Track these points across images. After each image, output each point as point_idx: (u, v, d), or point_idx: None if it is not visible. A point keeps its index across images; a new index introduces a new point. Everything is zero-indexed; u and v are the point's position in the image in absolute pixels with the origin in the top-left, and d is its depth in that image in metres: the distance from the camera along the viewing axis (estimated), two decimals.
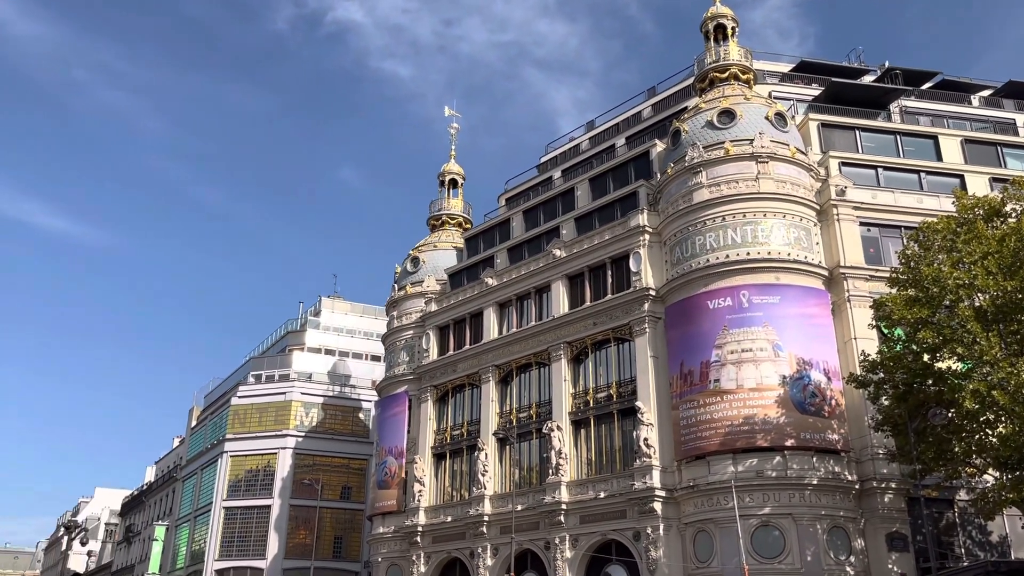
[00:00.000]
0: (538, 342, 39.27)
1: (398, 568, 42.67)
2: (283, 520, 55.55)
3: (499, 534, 37.48)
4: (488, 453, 39.72)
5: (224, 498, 57.89)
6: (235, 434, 59.35)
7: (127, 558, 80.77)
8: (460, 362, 42.97)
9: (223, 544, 56.71)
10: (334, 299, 74.23)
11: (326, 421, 59.64)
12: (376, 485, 45.80)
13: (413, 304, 47.31)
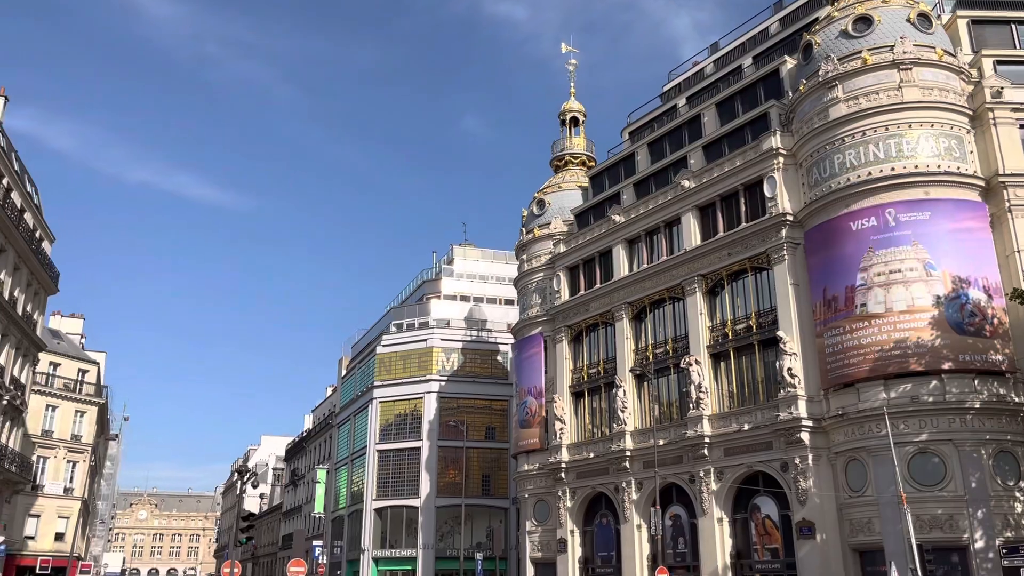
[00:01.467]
0: (671, 277, 38.65)
1: (545, 503, 43.84)
2: (432, 461, 58.01)
3: (642, 469, 37.73)
4: (626, 390, 39.80)
5: (376, 442, 61.01)
6: (382, 381, 62.15)
7: (294, 499, 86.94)
8: (592, 301, 42.97)
9: (379, 484, 59.98)
10: (465, 247, 75.62)
11: (466, 365, 61.39)
12: (518, 424, 46.96)
13: (542, 246, 47.53)
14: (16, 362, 41.43)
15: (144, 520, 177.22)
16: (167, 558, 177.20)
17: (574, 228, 46.26)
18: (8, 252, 38.80)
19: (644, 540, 37.58)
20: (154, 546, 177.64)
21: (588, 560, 41.32)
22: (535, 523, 44.15)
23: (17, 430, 42.85)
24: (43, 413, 54.87)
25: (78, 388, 58.72)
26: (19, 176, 41.11)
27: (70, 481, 57.07)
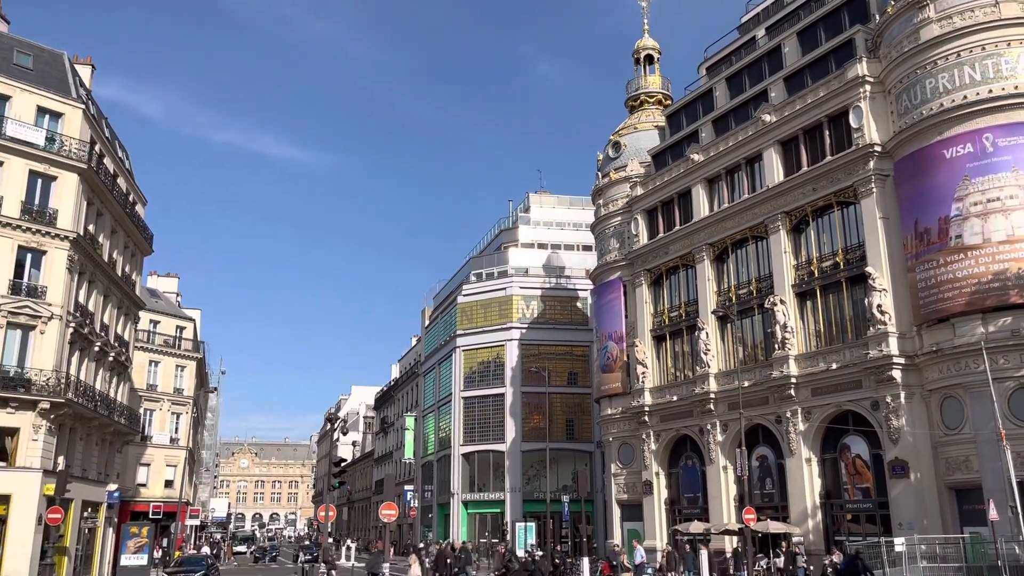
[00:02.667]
0: (753, 215, 37.68)
1: (629, 446, 44.07)
2: (516, 406, 58.86)
3: (727, 410, 37.43)
4: (709, 332, 39.33)
5: (461, 389, 62.22)
6: (464, 330, 63.08)
7: (385, 446, 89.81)
8: (671, 244, 42.35)
9: (465, 430, 61.34)
10: (541, 194, 75.32)
11: (546, 312, 61.66)
12: (600, 369, 47.08)
13: (618, 190, 46.93)
14: (119, 321, 43.64)
15: (246, 468, 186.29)
16: (268, 504, 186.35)
17: (651, 170, 45.44)
18: (105, 216, 40.59)
19: (730, 481, 37.47)
20: (256, 492, 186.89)
21: (674, 501, 41.51)
22: (620, 466, 44.49)
23: (124, 385, 45.34)
24: (146, 368, 57.92)
25: (177, 344, 61.63)
26: (110, 142, 42.74)
27: (175, 432, 60.32)
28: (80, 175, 36.49)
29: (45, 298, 34.49)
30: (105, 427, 41.38)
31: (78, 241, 36.03)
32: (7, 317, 33.38)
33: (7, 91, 35.44)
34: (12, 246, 34.08)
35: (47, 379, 33.66)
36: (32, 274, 34.70)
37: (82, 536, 38.41)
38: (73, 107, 37.30)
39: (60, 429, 35.11)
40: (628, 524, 43.35)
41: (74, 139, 36.62)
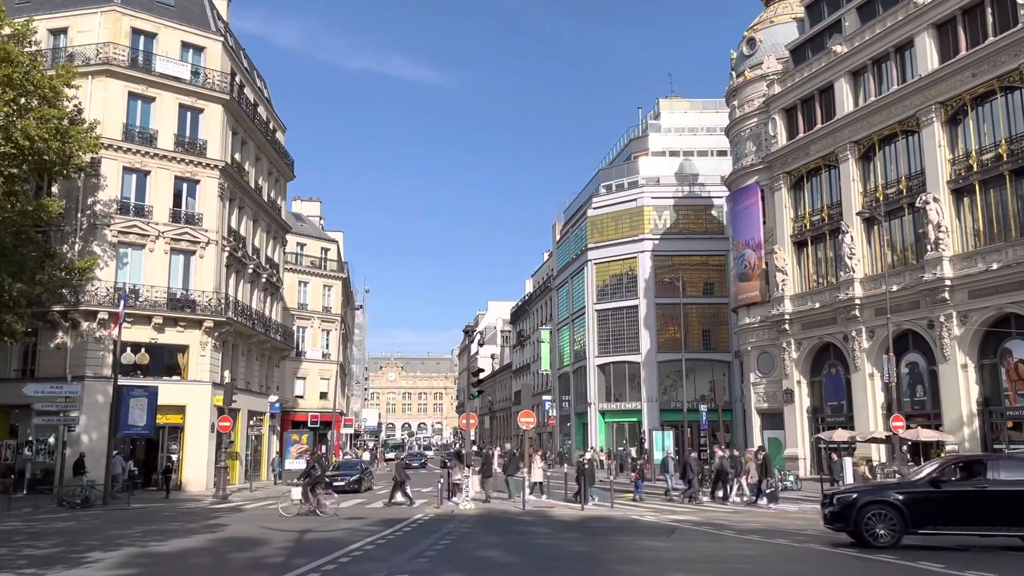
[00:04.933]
0: (903, 108, 35.02)
1: (769, 355, 43.15)
2: (651, 318, 58.60)
3: (873, 316, 35.82)
4: (854, 235, 37.41)
5: (594, 302, 62.45)
6: (595, 243, 62.84)
7: (522, 358, 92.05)
8: (812, 143, 40.13)
9: (600, 342, 61.80)
10: (672, 99, 72.85)
11: (679, 222, 60.36)
12: (737, 278, 45.94)
13: (754, 89, 44.64)
14: (268, 244, 46.26)
15: (393, 381, 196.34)
16: (416, 414, 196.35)
17: (789, 65, 42.85)
18: (249, 144, 42.63)
19: (877, 389, 36.14)
20: (404, 404, 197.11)
21: (817, 410, 40.57)
22: (759, 375, 43.74)
23: (277, 304, 48.35)
24: (296, 288, 61.42)
25: (323, 265, 64.87)
26: (249, 73, 44.48)
27: (326, 347, 64.09)
28: (224, 106, 38.31)
29: (202, 224, 36.94)
30: (263, 343, 44.45)
31: (227, 169, 38.13)
32: (170, 243, 36.05)
33: (154, 29, 37.35)
34: (170, 177, 36.52)
35: (209, 300, 36.35)
36: (188, 203, 37.17)
37: (250, 443, 41.91)
38: (213, 40, 38.93)
39: (223, 346, 38.02)
40: (768, 433, 42.83)
41: (216, 71, 38.33)
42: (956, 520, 15.19)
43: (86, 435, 32.46)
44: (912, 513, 15.15)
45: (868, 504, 15.41)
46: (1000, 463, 16.19)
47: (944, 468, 16.29)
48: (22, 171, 29.87)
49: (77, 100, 32.71)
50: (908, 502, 15.27)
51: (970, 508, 15.11)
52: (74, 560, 14.04)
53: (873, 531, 15.17)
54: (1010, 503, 14.96)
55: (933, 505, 15.23)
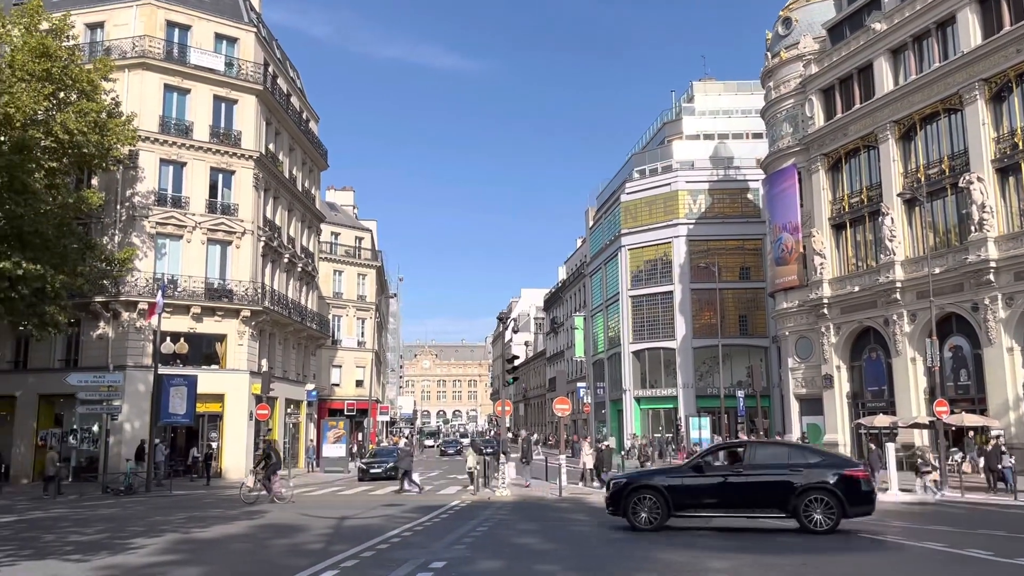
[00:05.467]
0: (945, 85, 34.18)
1: (807, 340, 42.56)
2: (686, 303, 58.08)
3: (915, 299, 35.13)
4: (894, 217, 36.68)
5: (628, 288, 62.04)
6: (629, 229, 62.36)
7: (556, 345, 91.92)
8: (851, 124, 39.35)
9: (634, 328, 61.42)
10: (705, 82, 71.82)
11: (714, 206, 59.65)
12: (774, 262, 45.33)
13: (790, 70, 43.86)
14: (303, 233, 46.60)
15: (428, 368, 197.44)
16: (450, 401, 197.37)
17: (827, 45, 42.01)
18: (282, 135, 42.89)
19: (919, 373, 35.48)
20: (438, 391, 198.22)
21: (857, 395, 39.96)
22: (797, 360, 43.17)
23: (312, 293, 48.72)
24: (331, 277, 61.91)
25: (357, 254, 65.24)
26: (281, 63, 44.70)
27: (361, 336, 64.55)
28: (258, 96, 38.57)
29: (238, 215, 37.29)
30: (299, 332, 44.85)
31: (261, 160, 38.41)
32: (207, 234, 36.46)
33: (188, 21, 37.67)
34: (205, 168, 36.90)
35: (246, 289, 36.72)
36: (224, 193, 37.54)
37: (287, 430, 42.39)
38: (246, 31, 39.16)
39: (261, 335, 38.43)
40: (807, 418, 42.31)
41: (249, 62, 38.58)
42: (714, 504, 15.74)
43: (128, 424, 33.06)
44: (674, 497, 15.63)
45: (636, 489, 15.91)
46: (756, 449, 16.71)
47: (708, 453, 17.29)
48: (62, 164, 30.40)
49: (115, 93, 33.15)
50: (671, 487, 15.75)
51: (726, 492, 15.56)
52: (119, 546, 14.27)
53: (638, 515, 15.68)
54: (760, 487, 15.37)
55: (694, 490, 15.71)
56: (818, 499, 14.92)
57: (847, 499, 14.88)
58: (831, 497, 14.87)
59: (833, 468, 15.40)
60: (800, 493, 14.98)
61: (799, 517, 15.01)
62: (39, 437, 34.95)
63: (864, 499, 15.18)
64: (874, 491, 15.67)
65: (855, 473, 15.34)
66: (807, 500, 14.94)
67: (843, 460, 16.13)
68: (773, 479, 15.32)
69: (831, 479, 15.02)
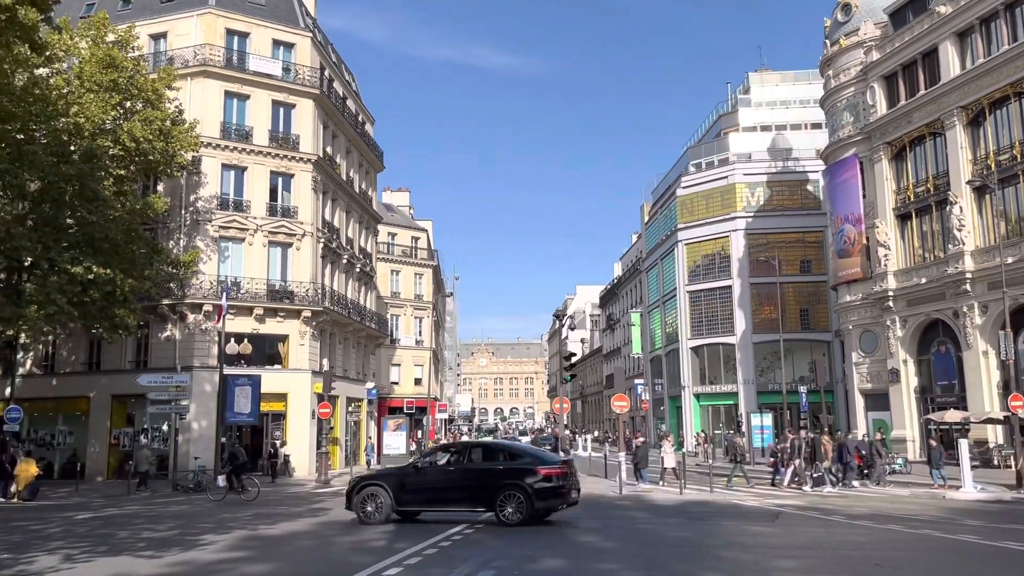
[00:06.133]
0: (1015, 68, 32.94)
1: (872, 334, 41.50)
2: (745, 298, 57.12)
3: (986, 290, 33.95)
4: (963, 206, 35.49)
5: (686, 283, 61.29)
6: (685, 223, 61.59)
7: (612, 342, 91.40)
8: (915, 111, 38.20)
9: (693, 324, 60.65)
10: (762, 72, 70.50)
11: (773, 198, 58.52)
12: (836, 255, 44.30)
13: (850, 57, 42.76)
14: (361, 234, 47.19)
15: (484, 366, 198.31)
16: (507, 398, 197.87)
17: (888, 30, 40.85)
18: (339, 137, 43.49)
19: (993, 367, 34.27)
20: (495, 389, 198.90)
21: (925, 389, 38.80)
22: (862, 354, 42.11)
23: (370, 293, 49.33)
24: (389, 277, 62.59)
25: (413, 253, 65.85)
26: (337, 67, 45.33)
27: (419, 334, 65.13)
28: (315, 100, 39.18)
29: (297, 217, 37.95)
30: (358, 331, 45.45)
31: (319, 162, 39.01)
32: (268, 236, 37.19)
33: (246, 28, 38.47)
34: (265, 172, 37.64)
35: (306, 290, 37.36)
36: (284, 196, 38.24)
37: (349, 428, 42.96)
38: (302, 36, 39.80)
39: (321, 334, 39.04)
40: (873, 414, 41.24)
41: (306, 67, 39.21)
42: (432, 500, 17.12)
43: (196, 423, 33.93)
44: (397, 494, 16.91)
45: (365, 486, 17.19)
46: (472, 449, 18.38)
47: (430, 454, 19.00)
48: (130, 171, 31.36)
49: (178, 101, 34.06)
50: (394, 484, 17.10)
51: (439, 489, 17.05)
52: (189, 542, 14.65)
53: (364, 510, 16.90)
54: (468, 485, 16.70)
55: (414, 487, 17.06)
56: (511, 495, 16.12)
57: (535, 495, 16.07)
58: (522, 493, 16.06)
59: (532, 466, 16.57)
60: (498, 490, 16.23)
61: (495, 511, 16.26)
62: (112, 436, 36.13)
63: (552, 494, 16.34)
64: (567, 487, 16.61)
65: (548, 471, 16.43)
66: (502, 496, 16.17)
67: (546, 459, 17.41)
68: (479, 478, 16.68)
69: (526, 478, 16.25)
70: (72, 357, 37.56)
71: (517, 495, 16.06)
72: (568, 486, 16.65)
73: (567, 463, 17.39)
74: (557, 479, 16.39)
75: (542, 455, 18.26)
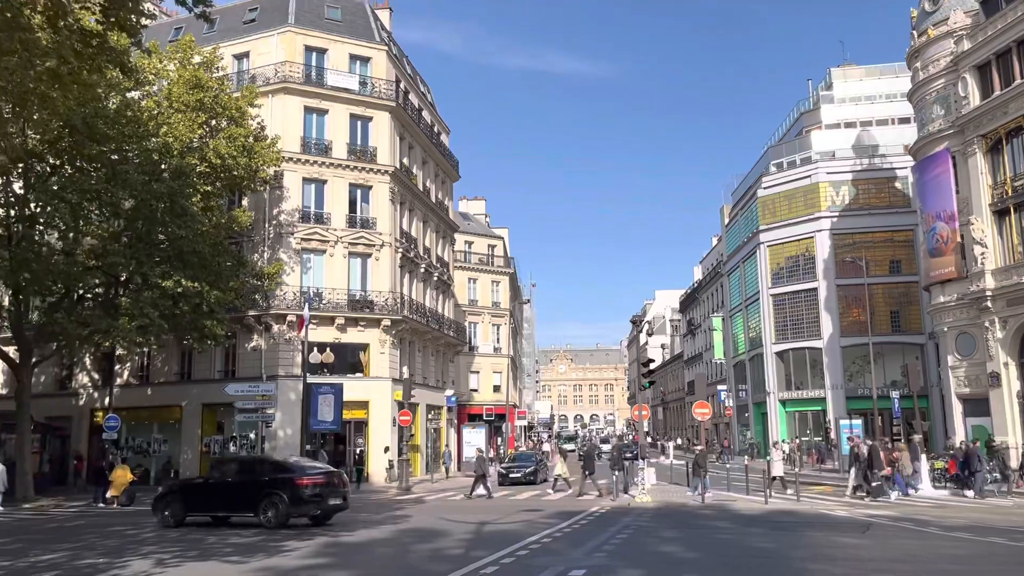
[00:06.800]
0: None
1: (969, 336, 39.55)
2: (832, 300, 55.31)
3: None
4: None
5: (769, 286, 59.75)
6: (767, 224, 60.10)
7: (693, 347, 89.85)
8: (1011, 101, 36.27)
9: (777, 328, 59.05)
10: (845, 68, 68.28)
11: (859, 197, 56.55)
12: (928, 254, 42.42)
13: (939, 48, 40.94)
14: (438, 243, 47.70)
15: (563, 373, 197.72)
16: (587, 405, 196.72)
17: (980, 18, 38.97)
18: (415, 148, 44.09)
19: None
20: (575, 395, 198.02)
21: None
22: (958, 357, 40.16)
23: (448, 301, 49.77)
24: (466, 285, 63.03)
25: (490, 261, 66.19)
26: (412, 79, 46.00)
27: (497, 342, 65.36)
28: (391, 113, 39.83)
29: (375, 228, 38.61)
30: (437, 339, 45.90)
31: (396, 174, 39.61)
32: (348, 247, 37.94)
33: (324, 44, 39.43)
34: (344, 184, 38.44)
35: (385, 299, 37.94)
36: (362, 208, 38.96)
37: (429, 435, 43.41)
38: (378, 50, 40.54)
39: (400, 343, 39.57)
40: (972, 420, 39.23)
41: (382, 80, 39.90)
42: (216, 506, 20.08)
43: (281, 430, 34.80)
44: (189, 501, 20.06)
45: (168, 493, 20.64)
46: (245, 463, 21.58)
47: (216, 466, 22.13)
48: (215, 187, 32.48)
49: (260, 118, 35.14)
50: (186, 492, 20.53)
51: (218, 497, 19.97)
52: (273, 549, 14.97)
53: (163, 515, 19.85)
54: (240, 494, 19.42)
55: (201, 496, 20.19)
56: (271, 502, 18.81)
57: (290, 502, 18.77)
58: (279, 500, 18.74)
59: (293, 478, 19.02)
60: (261, 498, 18.91)
61: (258, 516, 18.90)
62: (203, 443, 37.40)
63: (305, 500, 18.93)
64: (324, 495, 19.12)
65: (307, 481, 18.98)
66: (264, 503, 18.85)
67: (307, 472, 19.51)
68: (248, 488, 19.27)
69: (285, 487, 18.82)
70: (165, 367, 39.07)
71: (276, 502, 18.76)
72: (325, 494, 19.18)
73: (329, 474, 19.94)
74: (314, 487, 18.99)
75: (306, 468, 20.11)
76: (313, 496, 18.90)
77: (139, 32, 16.66)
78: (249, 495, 19.14)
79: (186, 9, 14.37)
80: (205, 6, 15.14)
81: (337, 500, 19.61)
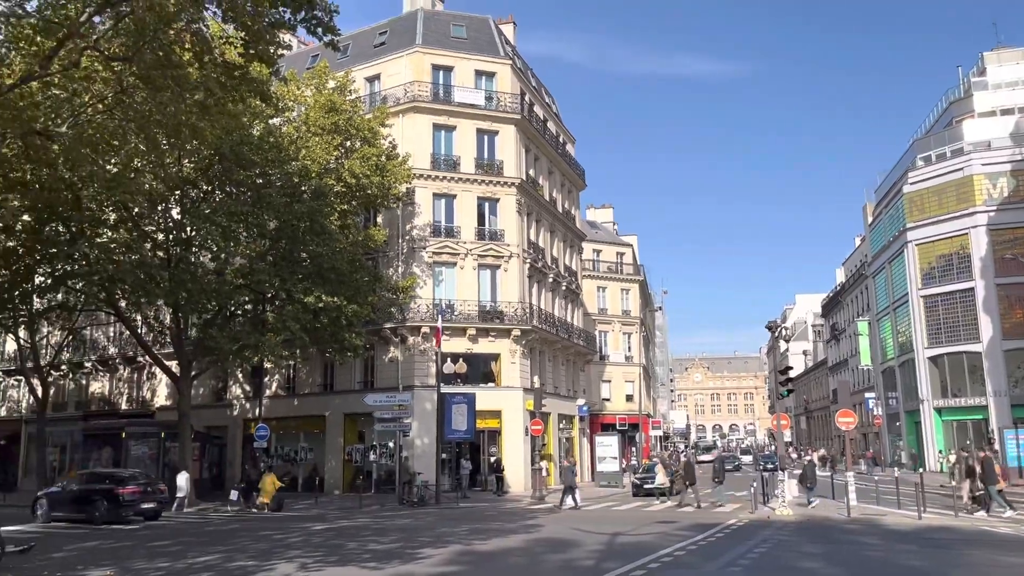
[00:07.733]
0: None
1: None
2: (991, 301, 51.35)
3: None
4: None
5: (919, 287, 56.18)
6: (915, 222, 56.57)
7: (837, 354, 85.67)
8: None
9: (929, 331, 55.41)
10: (999, 51, 63.48)
11: (1020, 189, 52.28)
12: None
13: None
14: (565, 253, 47.77)
15: (699, 382, 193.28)
16: (725, 415, 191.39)
17: None
18: (541, 159, 44.41)
19: None
20: (712, 405, 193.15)
21: None
22: None
23: (577, 310, 49.71)
24: (595, 294, 62.79)
25: (619, 269, 65.66)
26: (537, 91, 46.41)
27: (628, 350, 64.68)
28: (516, 125, 40.33)
29: (504, 239, 39.12)
30: (567, 349, 45.92)
31: (522, 185, 40.03)
32: (477, 259, 38.62)
33: (451, 63, 40.43)
34: (473, 198, 39.19)
35: (515, 310, 38.33)
36: (491, 220, 39.58)
37: (561, 445, 43.42)
38: (502, 64, 41.18)
39: (531, 352, 39.85)
40: None
41: (506, 94, 40.47)
42: (66, 509, 24.96)
43: (418, 439, 35.73)
44: (52, 504, 25.29)
45: (40, 499, 25.85)
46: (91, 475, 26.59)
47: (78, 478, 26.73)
48: (351, 206, 33.92)
49: (391, 137, 36.41)
50: (52, 497, 25.71)
51: (69, 502, 25.03)
52: (408, 556, 15.35)
53: (36, 513, 25.28)
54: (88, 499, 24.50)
55: (62, 500, 25.31)
56: (98, 506, 24.12)
57: (110, 504, 24.09)
58: (103, 505, 24.09)
59: (116, 487, 24.26)
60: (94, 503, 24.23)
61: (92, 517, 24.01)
62: (346, 452, 38.94)
63: (123, 504, 24.08)
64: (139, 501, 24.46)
65: (127, 490, 24.30)
66: (96, 507, 24.11)
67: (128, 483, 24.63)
68: (87, 495, 24.58)
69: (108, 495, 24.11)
70: (310, 379, 40.98)
71: (101, 507, 23.99)
72: (140, 500, 24.43)
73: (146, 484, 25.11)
74: (132, 495, 24.26)
75: (131, 480, 25.05)
76: (132, 502, 24.24)
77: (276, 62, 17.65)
78: (88, 501, 24.44)
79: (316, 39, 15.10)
80: (334, 35, 15.88)
81: (150, 504, 24.84)
